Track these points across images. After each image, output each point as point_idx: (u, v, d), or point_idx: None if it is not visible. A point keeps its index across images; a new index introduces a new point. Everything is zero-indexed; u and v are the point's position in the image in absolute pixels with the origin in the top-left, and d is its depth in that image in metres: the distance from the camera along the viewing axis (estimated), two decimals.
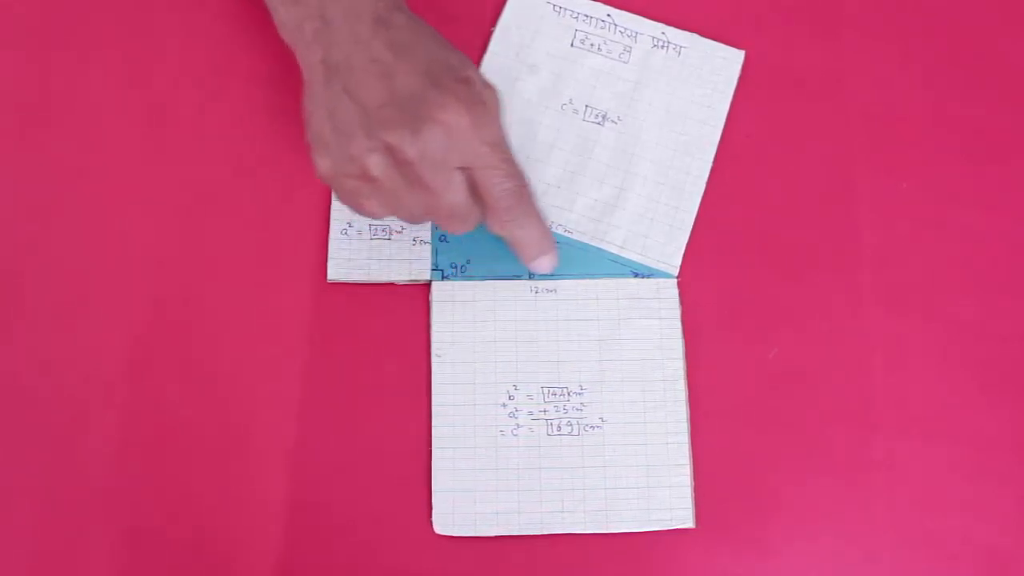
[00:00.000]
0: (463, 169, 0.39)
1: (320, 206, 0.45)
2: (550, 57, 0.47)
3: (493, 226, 0.41)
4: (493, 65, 0.47)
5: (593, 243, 0.45)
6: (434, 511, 0.42)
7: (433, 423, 0.43)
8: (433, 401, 0.43)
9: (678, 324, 0.44)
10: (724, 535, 0.42)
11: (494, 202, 0.40)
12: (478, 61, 0.47)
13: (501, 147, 0.39)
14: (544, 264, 0.43)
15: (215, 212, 0.45)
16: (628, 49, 0.47)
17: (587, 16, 0.48)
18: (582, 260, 0.45)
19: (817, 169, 0.46)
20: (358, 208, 0.40)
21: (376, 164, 0.38)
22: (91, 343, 0.43)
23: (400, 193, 0.39)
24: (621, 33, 0.48)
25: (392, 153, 0.38)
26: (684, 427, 0.43)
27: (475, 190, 0.39)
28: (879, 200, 0.46)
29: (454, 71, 0.39)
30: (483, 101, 0.39)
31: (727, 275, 0.45)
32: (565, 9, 0.48)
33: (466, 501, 0.42)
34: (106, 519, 0.42)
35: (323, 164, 0.39)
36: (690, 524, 0.42)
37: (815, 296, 0.45)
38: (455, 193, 0.39)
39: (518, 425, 0.43)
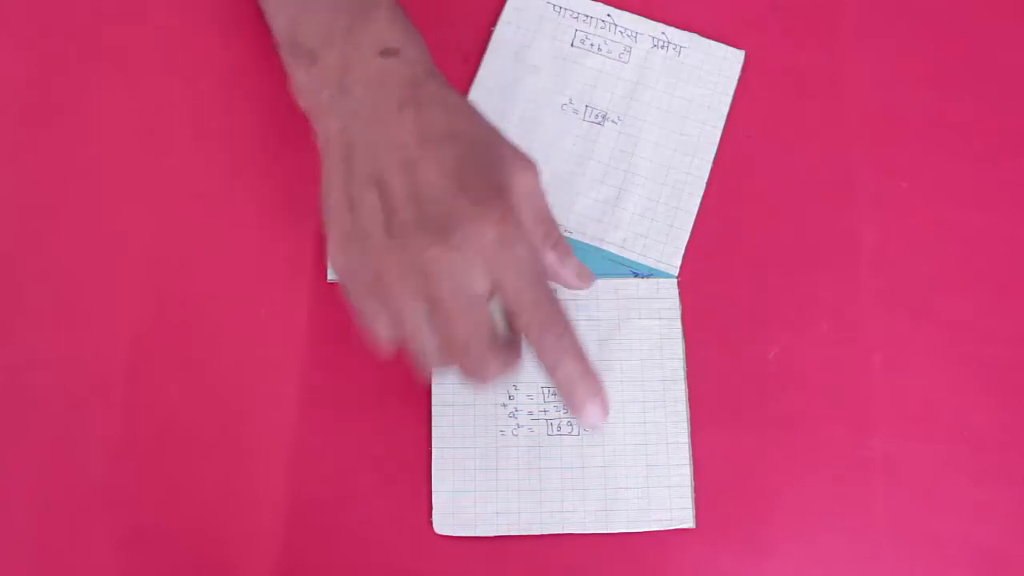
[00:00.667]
0: (490, 291, 0.34)
1: (320, 206, 0.45)
2: (550, 57, 0.47)
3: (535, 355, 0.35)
4: (493, 65, 0.47)
5: (593, 243, 0.45)
6: (434, 511, 0.42)
7: (433, 423, 0.43)
8: (433, 401, 0.43)
9: (678, 324, 0.44)
10: (724, 535, 0.42)
11: (523, 328, 0.34)
12: (478, 61, 0.47)
13: (530, 269, 0.34)
14: (593, 413, 0.35)
15: (215, 212, 0.45)
16: (628, 49, 0.47)
17: (587, 16, 0.48)
18: (582, 260, 0.45)
19: (817, 169, 0.46)
20: (367, 319, 0.36)
21: (391, 269, 0.34)
22: (91, 343, 0.43)
23: (414, 309, 0.34)
24: (621, 33, 0.48)
25: (411, 259, 0.33)
26: (684, 427, 0.43)
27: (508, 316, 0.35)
28: (878, 200, 0.46)
29: (486, 175, 0.34)
30: (515, 216, 0.34)
31: (727, 275, 0.45)
32: (565, 9, 0.48)
33: (466, 501, 0.42)
34: (106, 519, 0.42)
35: (338, 260, 0.35)
36: (690, 524, 0.42)
37: (815, 296, 0.45)
38: (475, 320, 0.33)
39: (518, 425, 0.43)
